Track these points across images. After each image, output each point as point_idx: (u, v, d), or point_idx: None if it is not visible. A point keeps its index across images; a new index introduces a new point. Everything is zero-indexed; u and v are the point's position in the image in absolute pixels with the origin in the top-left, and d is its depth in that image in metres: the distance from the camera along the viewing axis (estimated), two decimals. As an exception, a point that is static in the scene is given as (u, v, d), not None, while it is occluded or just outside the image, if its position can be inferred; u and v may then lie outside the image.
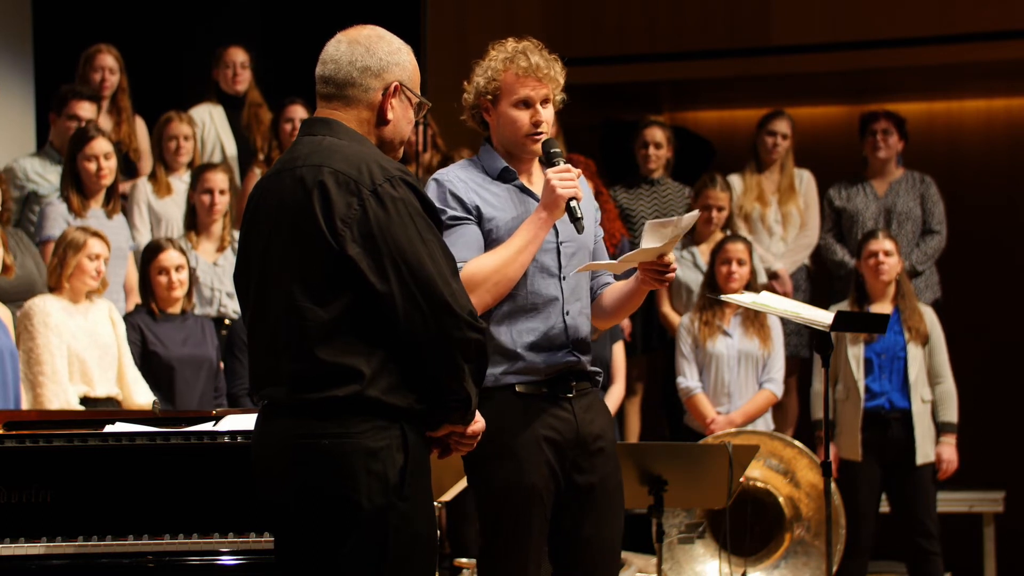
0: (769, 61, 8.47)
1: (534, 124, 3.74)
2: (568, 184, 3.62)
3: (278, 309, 3.06)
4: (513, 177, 3.79)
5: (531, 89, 3.72)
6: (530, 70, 3.71)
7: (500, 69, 3.74)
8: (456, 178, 3.76)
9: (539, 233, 3.65)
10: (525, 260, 3.65)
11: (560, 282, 3.76)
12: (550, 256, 3.75)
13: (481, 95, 3.78)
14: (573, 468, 3.74)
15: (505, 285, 3.64)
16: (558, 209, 3.63)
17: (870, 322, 5.41)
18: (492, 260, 3.63)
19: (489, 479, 3.70)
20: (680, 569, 5.72)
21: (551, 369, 3.72)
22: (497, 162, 3.80)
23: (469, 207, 3.71)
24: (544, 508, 3.70)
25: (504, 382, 3.68)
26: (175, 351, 5.89)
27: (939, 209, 7.25)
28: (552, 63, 3.76)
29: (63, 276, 5.54)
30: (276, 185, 3.13)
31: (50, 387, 5.34)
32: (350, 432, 2.99)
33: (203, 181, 6.53)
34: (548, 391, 3.72)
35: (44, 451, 3.78)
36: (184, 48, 8.33)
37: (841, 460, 6.21)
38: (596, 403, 3.83)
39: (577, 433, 3.73)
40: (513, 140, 3.77)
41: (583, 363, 3.78)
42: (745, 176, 7.41)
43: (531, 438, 3.68)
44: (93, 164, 6.21)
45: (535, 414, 3.70)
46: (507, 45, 3.78)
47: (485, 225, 3.71)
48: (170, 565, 3.75)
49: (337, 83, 3.17)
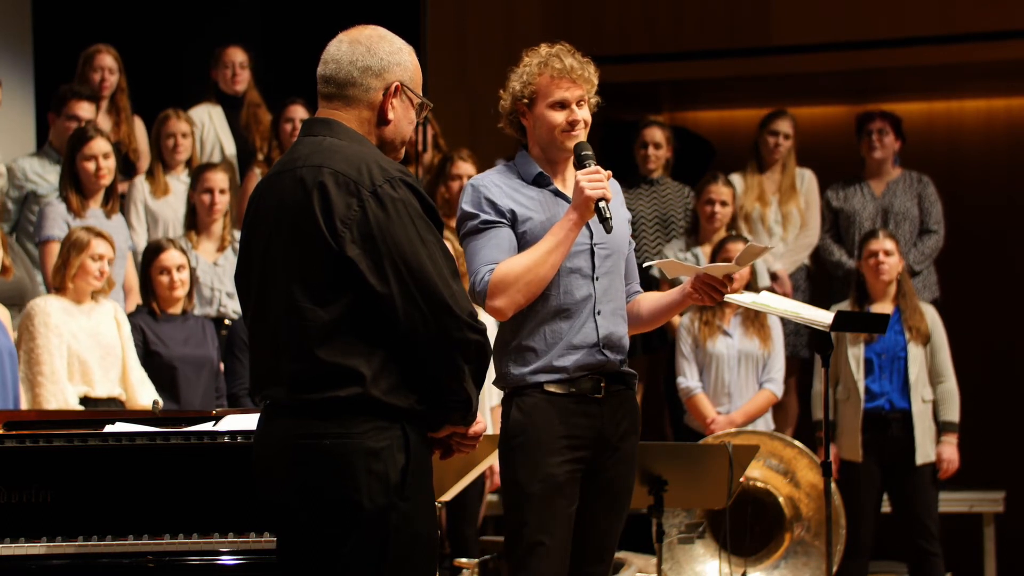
0: (769, 61, 8.47)
1: (570, 123, 3.83)
2: (597, 185, 3.70)
3: (279, 309, 3.06)
4: (547, 182, 3.87)
5: (566, 90, 3.82)
6: (564, 71, 3.80)
7: (535, 73, 3.82)
8: (491, 183, 3.84)
9: (569, 234, 3.73)
10: (556, 260, 3.72)
11: (593, 283, 3.83)
12: (583, 257, 3.82)
13: (517, 100, 3.86)
14: (596, 467, 3.82)
15: (537, 285, 3.71)
16: (587, 210, 3.71)
17: (870, 322, 5.40)
18: (523, 261, 3.71)
19: (515, 473, 3.77)
20: (680, 569, 5.72)
21: (580, 369, 3.79)
22: (532, 167, 3.88)
23: (503, 211, 3.78)
24: (568, 503, 3.77)
25: (533, 380, 3.77)
26: (176, 351, 5.89)
27: (936, 209, 7.24)
28: (585, 65, 3.86)
29: (67, 276, 5.54)
30: (276, 185, 3.13)
31: (48, 387, 5.34)
32: (351, 432, 2.99)
33: (203, 181, 6.53)
34: (576, 391, 3.78)
35: (44, 451, 3.78)
36: (183, 48, 8.33)
37: (841, 460, 6.20)
38: (627, 404, 3.89)
39: (601, 433, 3.80)
40: (549, 140, 3.85)
41: (614, 363, 3.84)
42: (746, 176, 7.41)
43: (554, 436, 3.75)
44: (92, 164, 6.21)
45: (563, 413, 3.76)
46: (541, 50, 3.86)
47: (519, 228, 3.79)
48: (170, 565, 3.76)
49: (338, 83, 3.17)
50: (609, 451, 3.82)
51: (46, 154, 6.72)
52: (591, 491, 3.82)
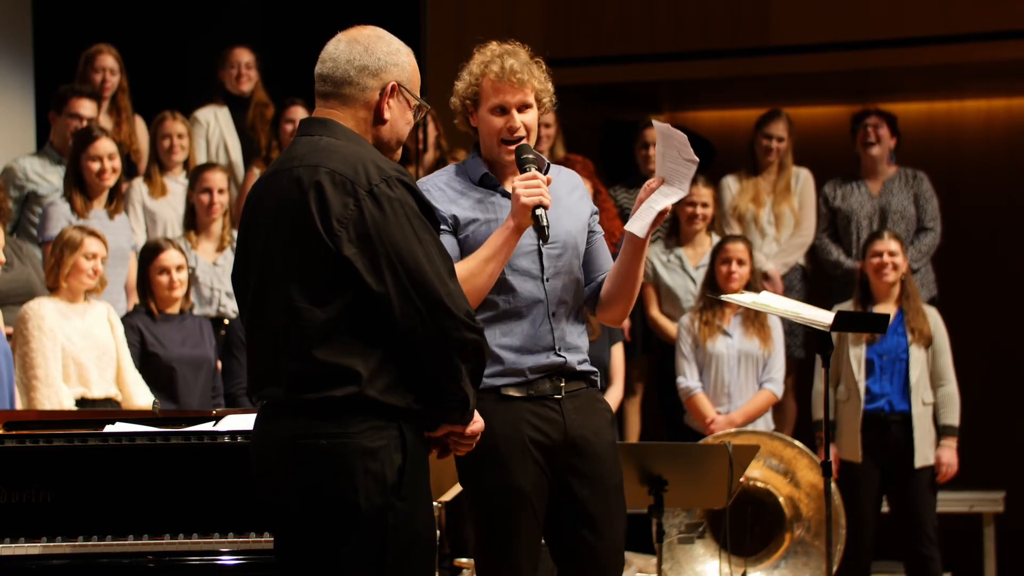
0: (769, 61, 8.47)
1: (509, 130, 3.70)
2: (534, 192, 3.55)
3: (276, 309, 3.06)
4: (494, 183, 3.77)
5: (507, 95, 3.68)
6: (504, 75, 3.67)
7: (478, 74, 3.71)
8: (434, 187, 3.74)
9: (507, 242, 3.59)
10: (494, 269, 3.60)
11: (544, 284, 3.73)
12: (530, 259, 3.72)
13: (463, 99, 3.76)
14: (566, 470, 3.72)
15: (476, 294, 3.59)
16: (525, 217, 3.57)
17: (870, 322, 5.40)
18: (460, 271, 3.54)
19: (477, 482, 3.70)
20: (680, 569, 5.72)
21: (536, 371, 3.71)
22: (479, 168, 3.77)
23: (445, 217, 3.68)
24: (534, 510, 3.69)
25: (489, 384, 3.63)
26: (174, 351, 5.89)
27: (932, 206, 7.24)
28: (530, 66, 3.71)
29: (60, 276, 5.54)
30: (273, 185, 3.13)
31: (43, 391, 5.34)
32: (348, 432, 2.99)
33: (202, 181, 6.53)
34: (534, 393, 3.70)
35: (44, 451, 3.78)
36: (185, 48, 8.33)
37: (842, 461, 6.20)
38: (590, 403, 3.79)
39: (565, 434, 3.71)
40: (490, 146, 3.75)
41: (571, 363, 3.74)
42: (741, 177, 7.42)
43: (517, 440, 3.66)
44: (97, 164, 6.22)
45: (521, 416, 3.68)
46: (487, 49, 3.74)
47: (461, 232, 3.69)
48: (170, 565, 3.76)
49: (334, 81, 3.17)
50: (580, 453, 3.71)
51: (47, 154, 6.72)
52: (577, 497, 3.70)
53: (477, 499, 3.72)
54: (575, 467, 3.72)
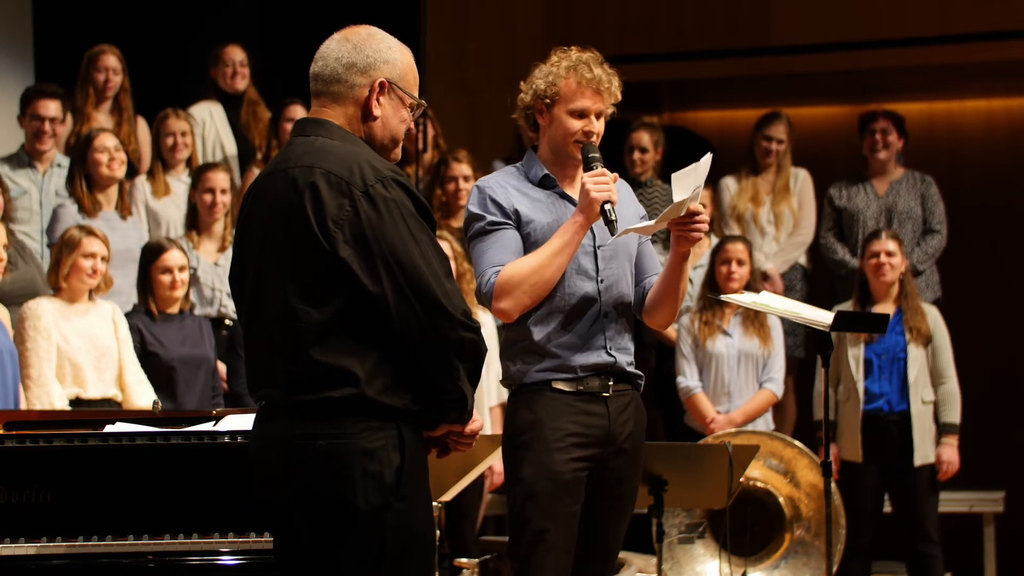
0: (769, 61, 8.48)
1: (585, 134, 3.84)
2: (603, 188, 3.72)
3: (272, 310, 3.06)
4: (553, 184, 3.90)
5: (589, 100, 3.83)
6: (592, 82, 3.82)
7: (562, 75, 3.84)
8: (497, 184, 3.87)
9: (575, 236, 3.74)
10: (562, 263, 3.75)
11: (598, 284, 3.85)
12: (588, 259, 3.85)
13: (539, 97, 3.87)
14: (603, 467, 3.83)
15: (543, 287, 3.74)
16: (593, 212, 3.72)
17: (870, 322, 5.40)
18: (529, 263, 3.74)
19: (520, 470, 3.79)
20: (680, 569, 5.72)
21: (587, 368, 3.81)
22: (539, 169, 3.91)
23: (508, 212, 3.81)
24: (573, 502, 3.78)
25: (541, 379, 3.79)
26: (174, 352, 5.89)
27: (939, 209, 7.25)
28: (612, 78, 3.87)
29: (60, 276, 5.54)
30: (270, 186, 3.13)
31: (34, 390, 5.34)
32: (346, 433, 2.99)
33: (204, 181, 6.52)
34: (583, 389, 3.81)
35: (44, 451, 3.77)
36: (184, 48, 8.33)
37: (842, 461, 6.20)
38: (633, 405, 3.91)
39: (608, 432, 3.82)
40: (562, 145, 3.87)
41: (620, 363, 3.86)
42: (740, 178, 7.43)
43: (561, 434, 3.77)
44: (104, 155, 6.22)
45: (569, 411, 3.79)
46: (572, 53, 3.87)
47: (524, 229, 3.82)
48: (170, 565, 3.75)
49: (324, 79, 3.18)
50: (616, 451, 3.84)
51: (18, 156, 6.67)
52: (598, 492, 3.83)
53: (518, 486, 3.80)
54: (611, 465, 3.83)
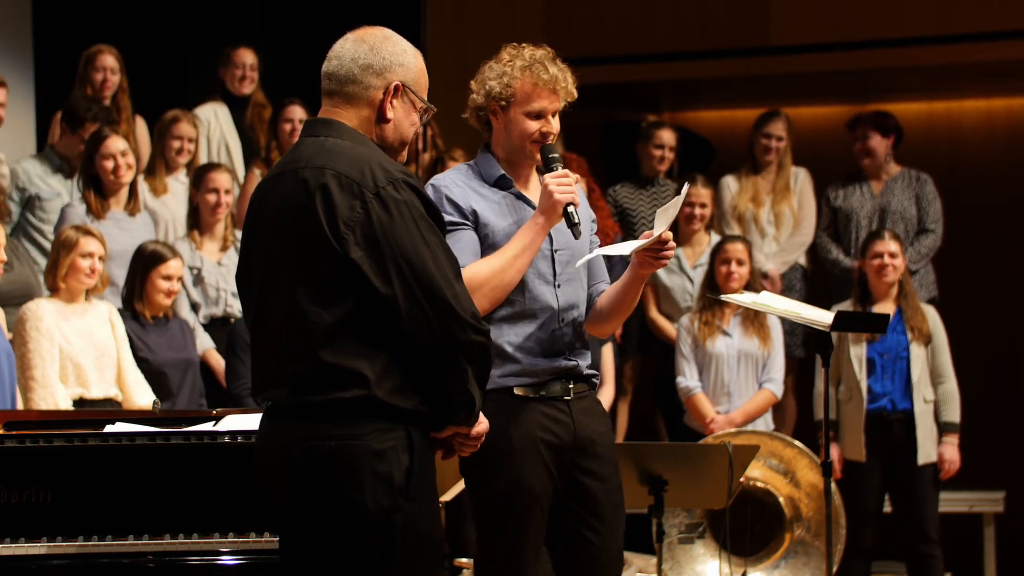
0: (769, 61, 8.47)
1: (542, 135, 3.76)
2: (566, 190, 3.64)
3: (281, 311, 3.06)
4: (509, 184, 3.81)
5: (546, 101, 3.75)
6: (549, 82, 3.73)
7: (517, 76, 3.74)
8: (453, 183, 3.78)
9: (536, 238, 3.66)
10: (522, 265, 3.66)
11: (555, 288, 3.78)
12: (545, 263, 3.77)
13: (493, 98, 3.77)
14: (574, 469, 3.75)
15: (502, 290, 3.65)
16: (555, 214, 3.65)
17: (870, 322, 5.41)
18: (489, 265, 3.64)
19: (487, 483, 3.71)
20: (680, 569, 5.72)
21: (549, 372, 3.75)
22: (494, 169, 3.81)
23: (466, 212, 3.72)
24: (542, 512, 3.72)
25: (502, 384, 3.69)
26: (163, 356, 5.90)
27: (934, 208, 7.24)
28: (567, 75, 3.78)
29: (58, 276, 5.54)
30: (279, 186, 3.12)
31: (39, 392, 5.34)
32: (355, 434, 2.99)
33: (207, 181, 6.52)
34: (545, 394, 3.74)
35: (44, 451, 3.77)
36: (185, 48, 8.33)
37: (845, 460, 6.21)
38: (594, 406, 3.85)
39: (575, 436, 3.75)
40: (518, 146, 3.78)
41: (580, 367, 3.80)
42: (740, 177, 7.43)
43: (528, 441, 3.70)
44: (110, 162, 6.23)
45: (532, 417, 3.71)
46: (525, 52, 3.77)
47: (481, 231, 3.73)
48: (170, 565, 3.75)
49: (339, 79, 3.18)
50: (587, 454, 3.76)
51: (47, 158, 6.70)
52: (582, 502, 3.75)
53: (485, 498, 3.73)
54: (584, 467, 3.76)
